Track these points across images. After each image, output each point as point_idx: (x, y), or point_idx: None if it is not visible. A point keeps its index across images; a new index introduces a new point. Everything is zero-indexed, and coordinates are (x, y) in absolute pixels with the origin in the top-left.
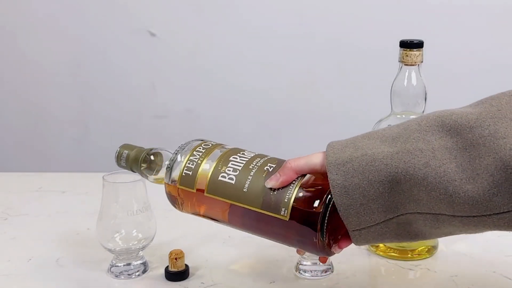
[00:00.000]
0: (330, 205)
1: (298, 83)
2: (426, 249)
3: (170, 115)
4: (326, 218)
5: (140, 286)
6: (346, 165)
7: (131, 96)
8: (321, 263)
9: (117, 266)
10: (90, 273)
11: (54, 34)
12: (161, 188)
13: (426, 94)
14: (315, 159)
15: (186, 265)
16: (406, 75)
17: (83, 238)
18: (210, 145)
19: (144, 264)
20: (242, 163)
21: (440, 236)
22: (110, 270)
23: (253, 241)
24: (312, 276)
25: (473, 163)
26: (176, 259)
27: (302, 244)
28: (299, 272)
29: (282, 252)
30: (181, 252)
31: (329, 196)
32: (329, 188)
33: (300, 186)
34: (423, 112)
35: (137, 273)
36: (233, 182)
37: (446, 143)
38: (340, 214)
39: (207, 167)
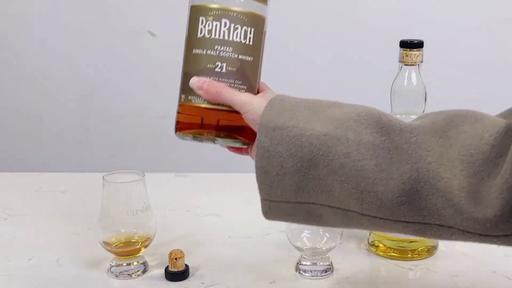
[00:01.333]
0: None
1: (297, 83)
2: (426, 249)
3: (170, 115)
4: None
5: (140, 286)
6: (276, 131)
7: (131, 96)
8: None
9: (117, 266)
10: (90, 273)
11: (54, 34)
12: (161, 188)
13: (426, 94)
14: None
15: (186, 265)
16: (406, 75)
17: (83, 238)
18: None
19: (144, 264)
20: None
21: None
22: (110, 270)
23: (253, 241)
24: (312, 276)
25: (392, 166)
26: (176, 259)
27: None
28: (299, 272)
29: (282, 252)
30: (181, 252)
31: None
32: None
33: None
34: (423, 112)
35: (137, 273)
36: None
37: (374, 139)
38: (256, 176)
39: None
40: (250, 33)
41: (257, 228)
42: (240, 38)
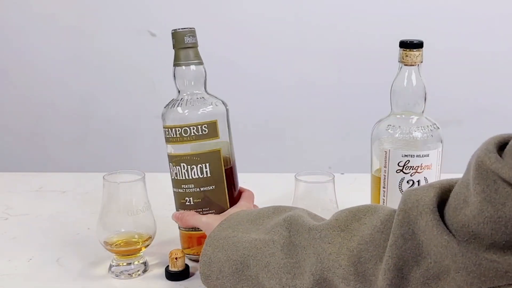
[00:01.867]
0: None
1: (298, 83)
2: None
3: None
4: None
5: (140, 286)
6: (219, 241)
7: (131, 96)
8: None
9: (118, 266)
10: (90, 273)
11: (54, 34)
12: (161, 188)
13: (426, 94)
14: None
15: (186, 265)
16: (406, 75)
17: (83, 238)
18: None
19: (144, 264)
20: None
21: None
22: (110, 270)
23: None
24: None
25: (304, 261)
26: (176, 258)
27: None
28: None
29: None
30: (181, 252)
31: None
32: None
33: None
34: (422, 112)
35: (137, 273)
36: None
37: (291, 239)
38: (202, 282)
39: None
40: (206, 168)
41: None
42: (197, 175)
